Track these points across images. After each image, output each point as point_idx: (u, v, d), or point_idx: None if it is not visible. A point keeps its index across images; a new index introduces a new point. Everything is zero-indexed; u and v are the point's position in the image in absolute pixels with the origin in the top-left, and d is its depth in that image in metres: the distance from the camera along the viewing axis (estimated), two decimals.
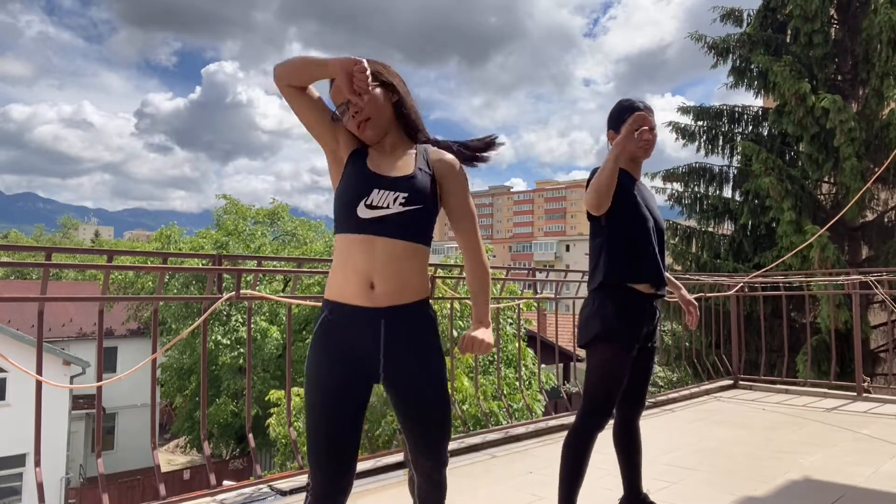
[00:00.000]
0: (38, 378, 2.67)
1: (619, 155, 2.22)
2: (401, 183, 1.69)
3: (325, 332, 1.71)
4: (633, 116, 2.22)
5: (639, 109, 2.41)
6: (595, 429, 2.38)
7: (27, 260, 17.13)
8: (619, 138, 2.21)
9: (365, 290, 1.66)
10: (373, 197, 1.66)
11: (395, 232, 1.66)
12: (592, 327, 2.40)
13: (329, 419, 1.67)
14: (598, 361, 2.40)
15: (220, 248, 20.80)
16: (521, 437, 4.16)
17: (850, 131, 9.50)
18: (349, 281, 1.68)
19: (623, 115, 2.43)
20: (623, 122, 2.41)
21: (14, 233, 72.33)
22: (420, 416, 1.76)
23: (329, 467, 1.68)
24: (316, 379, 1.70)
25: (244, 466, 19.90)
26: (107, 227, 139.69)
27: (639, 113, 2.25)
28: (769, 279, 6.77)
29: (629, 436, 2.56)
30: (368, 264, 1.66)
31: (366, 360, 1.69)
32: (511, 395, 10.48)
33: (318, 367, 1.70)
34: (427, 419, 1.76)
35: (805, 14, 10.47)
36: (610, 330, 2.35)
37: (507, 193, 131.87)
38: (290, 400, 3.79)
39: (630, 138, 2.21)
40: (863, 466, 3.46)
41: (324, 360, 1.70)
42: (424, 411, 1.76)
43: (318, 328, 1.73)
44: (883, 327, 10.10)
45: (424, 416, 1.76)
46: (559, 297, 5.19)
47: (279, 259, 13.61)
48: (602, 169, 2.25)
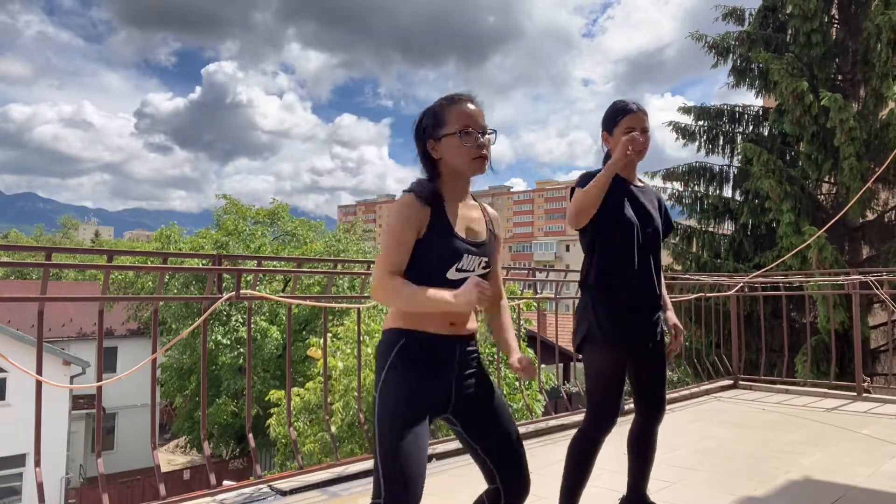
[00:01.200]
0: (38, 378, 2.67)
1: (609, 178, 2.21)
2: (482, 249, 1.83)
3: (407, 358, 1.76)
4: (625, 138, 2.20)
5: (632, 111, 2.35)
6: (599, 432, 2.34)
7: (27, 260, 17.12)
8: (612, 161, 2.19)
9: (446, 325, 1.78)
10: (464, 262, 1.78)
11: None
12: (582, 329, 2.37)
13: (415, 445, 1.69)
14: (590, 363, 2.38)
15: (220, 248, 20.78)
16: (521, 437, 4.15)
17: (850, 130, 9.50)
18: (429, 318, 1.76)
19: (616, 117, 2.38)
20: (616, 123, 2.37)
21: (14, 233, 72.30)
22: (506, 431, 1.85)
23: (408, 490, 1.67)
24: (400, 397, 1.73)
25: (244, 466, 19.91)
26: (107, 227, 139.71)
27: (633, 134, 2.23)
28: (769, 279, 6.77)
29: (645, 442, 2.51)
30: (452, 312, 1.77)
31: (440, 382, 1.78)
32: (511, 395, 10.47)
33: (401, 386, 1.74)
34: (512, 434, 1.85)
35: (804, 13, 10.47)
36: (598, 331, 2.31)
37: (507, 193, 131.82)
38: (290, 400, 3.79)
39: (623, 160, 2.19)
40: (863, 466, 3.46)
41: (405, 383, 1.74)
42: (507, 424, 1.86)
43: (398, 354, 1.76)
44: (883, 327, 10.10)
45: (509, 431, 1.85)
46: (559, 297, 5.19)
47: (279, 259, 13.63)
48: (587, 190, 2.22)
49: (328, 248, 22.33)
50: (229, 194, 24.52)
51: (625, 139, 2.21)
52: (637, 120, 2.35)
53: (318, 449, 7.92)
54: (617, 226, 2.33)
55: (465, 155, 1.77)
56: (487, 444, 1.81)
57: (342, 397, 7.85)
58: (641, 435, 2.51)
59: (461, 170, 1.80)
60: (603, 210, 2.28)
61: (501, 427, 1.84)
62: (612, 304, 2.33)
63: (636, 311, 2.36)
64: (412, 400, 1.72)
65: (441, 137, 1.77)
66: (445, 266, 1.76)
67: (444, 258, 1.76)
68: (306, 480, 3.14)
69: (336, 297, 14.46)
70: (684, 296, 6.22)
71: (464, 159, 1.77)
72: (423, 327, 1.76)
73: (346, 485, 3.20)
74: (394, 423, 1.69)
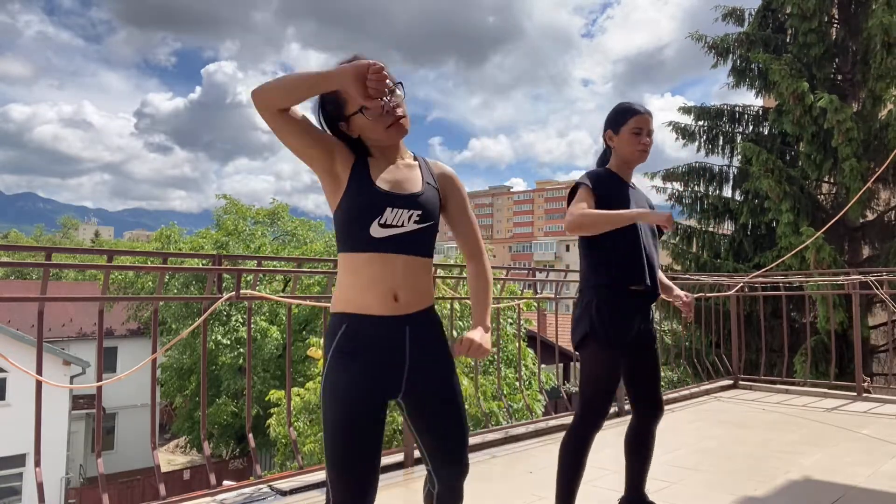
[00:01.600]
0: (38, 378, 2.67)
1: (631, 221, 2.24)
2: (413, 201, 1.66)
3: (345, 345, 1.63)
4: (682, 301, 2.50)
5: (640, 113, 2.41)
6: (589, 429, 2.37)
7: (27, 260, 17.11)
8: (642, 214, 2.20)
9: (389, 301, 1.63)
10: (386, 216, 1.62)
11: (409, 249, 1.65)
12: (581, 328, 2.39)
13: (354, 434, 1.59)
14: (585, 361, 2.40)
15: (220, 248, 20.78)
16: (521, 437, 4.16)
17: (847, 131, 9.50)
18: (369, 294, 1.63)
19: (625, 117, 2.42)
20: (624, 123, 2.42)
21: (14, 233, 72.32)
22: (444, 421, 1.72)
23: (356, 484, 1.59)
24: (337, 393, 1.61)
25: (244, 466, 19.91)
26: (107, 227, 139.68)
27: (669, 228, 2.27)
28: (769, 279, 6.77)
29: (642, 441, 2.52)
30: (391, 280, 1.63)
31: (388, 371, 1.64)
32: (511, 395, 10.49)
33: (340, 380, 1.62)
34: (450, 423, 1.72)
35: (803, 13, 10.47)
36: (595, 329, 2.34)
37: (507, 193, 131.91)
38: (290, 400, 3.79)
39: (656, 221, 2.19)
40: (863, 466, 3.46)
41: (345, 375, 1.62)
42: (448, 415, 1.72)
43: (338, 342, 1.64)
44: (883, 327, 10.10)
45: (448, 421, 1.72)
46: (559, 297, 5.19)
47: (279, 259, 13.62)
48: (603, 218, 2.23)
49: (328, 248, 22.32)
50: (229, 194, 24.57)
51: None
52: (644, 122, 2.41)
53: (318, 449, 7.92)
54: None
55: (379, 127, 1.63)
56: (425, 434, 1.72)
57: None
58: (639, 435, 2.53)
59: (384, 143, 1.68)
60: (598, 205, 2.32)
61: (445, 419, 1.71)
62: (614, 298, 2.35)
63: (638, 296, 2.38)
64: (357, 390, 1.59)
65: (348, 118, 1.65)
66: (367, 220, 1.61)
67: (362, 211, 1.61)
68: (306, 480, 3.14)
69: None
70: None
71: (379, 133, 1.65)
72: (366, 310, 1.62)
73: None
74: (337, 426, 1.59)
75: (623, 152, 2.45)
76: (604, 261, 2.38)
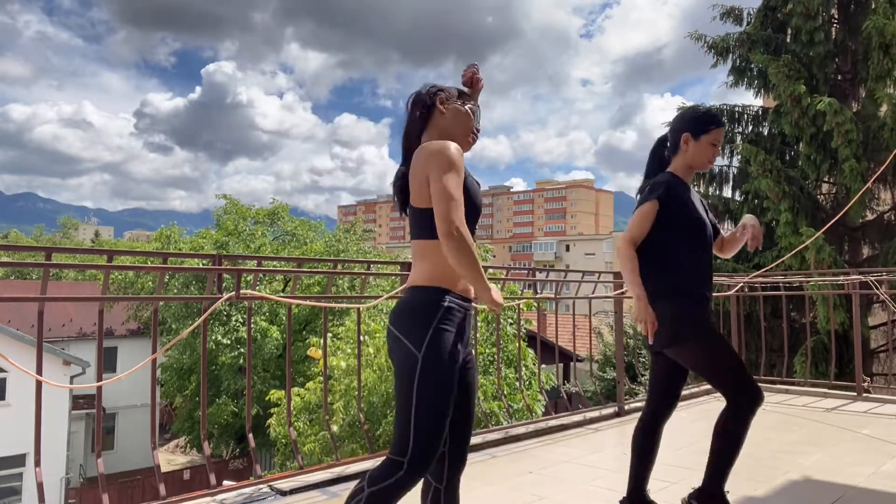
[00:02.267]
0: (38, 378, 2.67)
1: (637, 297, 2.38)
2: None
3: (452, 319, 1.76)
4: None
5: (722, 126, 2.50)
6: (756, 403, 2.46)
7: (27, 260, 17.11)
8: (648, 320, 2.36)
9: (468, 287, 1.84)
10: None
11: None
12: (687, 328, 2.41)
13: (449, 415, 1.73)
14: (703, 350, 2.45)
15: (220, 248, 20.77)
16: (521, 437, 4.15)
17: (847, 133, 9.49)
18: (460, 278, 1.80)
19: (709, 126, 2.45)
20: (707, 132, 2.44)
21: (14, 233, 72.33)
22: (470, 406, 1.86)
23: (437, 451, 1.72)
24: (455, 356, 1.74)
25: (244, 466, 19.92)
26: (107, 227, 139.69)
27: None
28: (769, 279, 6.77)
29: (653, 437, 2.56)
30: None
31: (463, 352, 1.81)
32: (511, 395, 10.47)
33: (454, 348, 1.75)
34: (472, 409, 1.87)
35: (806, 11, 10.44)
36: (694, 321, 2.41)
37: (507, 193, 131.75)
38: (290, 400, 3.79)
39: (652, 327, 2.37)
40: (863, 466, 3.46)
41: (454, 352, 1.75)
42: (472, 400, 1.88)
43: (445, 314, 1.75)
44: (882, 327, 10.09)
45: (472, 406, 1.86)
46: (559, 297, 5.19)
47: (279, 259, 13.59)
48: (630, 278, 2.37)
49: (328, 248, 22.32)
50: (229, 194, 24.50)
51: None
52: (722, 135, 2.51)
53: (318, 449, 7.91)
54: (689, 226, 2.43)
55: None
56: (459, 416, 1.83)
57: (342, 397, 7.85)
58: (655, 427, 2.58)
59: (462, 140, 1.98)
60: (675, 211, 2.40)
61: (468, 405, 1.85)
62: (688, 295, 2.41)
63: (707, 300, 2.48)
64: (455, 366, 1.73)
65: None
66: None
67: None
68: (306, 480, 3.14)
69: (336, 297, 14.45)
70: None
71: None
72: (461, 289, 1.81)
73: (346, 485, 3.19)
74: (443, 392, 1.70)
75: (695, 159, 2.46)
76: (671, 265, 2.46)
